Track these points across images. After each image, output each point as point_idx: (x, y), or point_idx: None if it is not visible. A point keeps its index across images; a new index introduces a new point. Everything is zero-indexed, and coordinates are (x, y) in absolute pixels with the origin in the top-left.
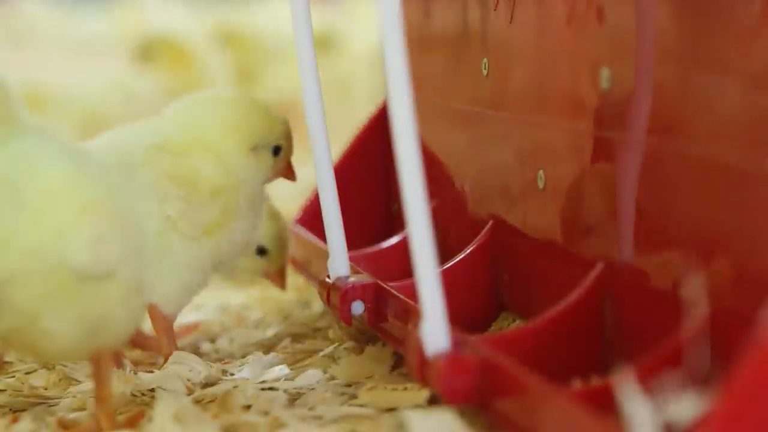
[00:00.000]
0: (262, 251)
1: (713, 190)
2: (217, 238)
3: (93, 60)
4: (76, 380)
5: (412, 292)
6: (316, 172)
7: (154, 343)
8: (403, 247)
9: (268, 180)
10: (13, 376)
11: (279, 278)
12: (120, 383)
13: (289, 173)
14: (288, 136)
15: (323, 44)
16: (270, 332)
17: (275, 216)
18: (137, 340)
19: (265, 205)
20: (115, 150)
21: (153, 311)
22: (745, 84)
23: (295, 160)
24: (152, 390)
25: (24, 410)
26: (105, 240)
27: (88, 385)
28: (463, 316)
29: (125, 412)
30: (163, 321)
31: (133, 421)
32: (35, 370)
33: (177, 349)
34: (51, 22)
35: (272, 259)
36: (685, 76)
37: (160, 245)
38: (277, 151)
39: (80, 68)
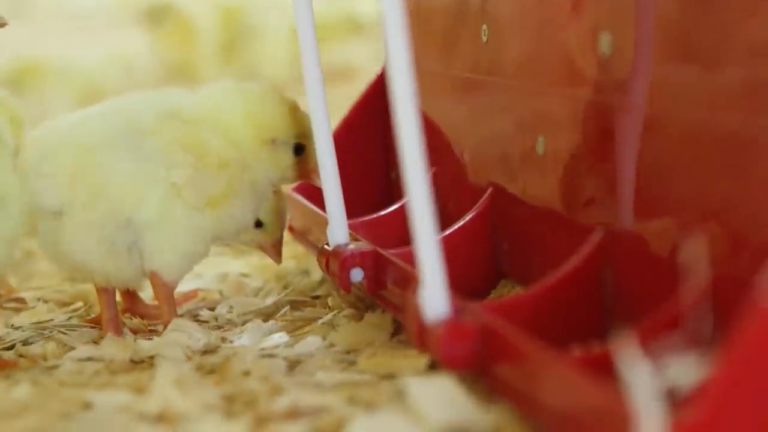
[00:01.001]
0: (258, 224)
1: (712, 156)
2: (219, 211)
3: (94, 32)
4: (72, 347)
5: (412, 260)
6: (315, 139)
7: (154, 310)
8: (402, 215)
9: (288, 179)
10: (13, 346)
11: (274, 251)
12: (120, 350)
13: (313, 176)
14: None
15: None
16: (269, 300)
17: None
18: (137, 308)
19: (269, 196)
20: (123, 114)
21: (154, 278)
22: (745, 51)
23: None
24: (152, 357)
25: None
26: None
27: (84, 351)
28: (463, 284)
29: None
30: (164, 288)
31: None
32: (34, 342)
33: (177, 316)
34: None
35: (269, 232)
36: (686, 44)
37: (163, 212)
38: (299, 150)
39: (81, 40)
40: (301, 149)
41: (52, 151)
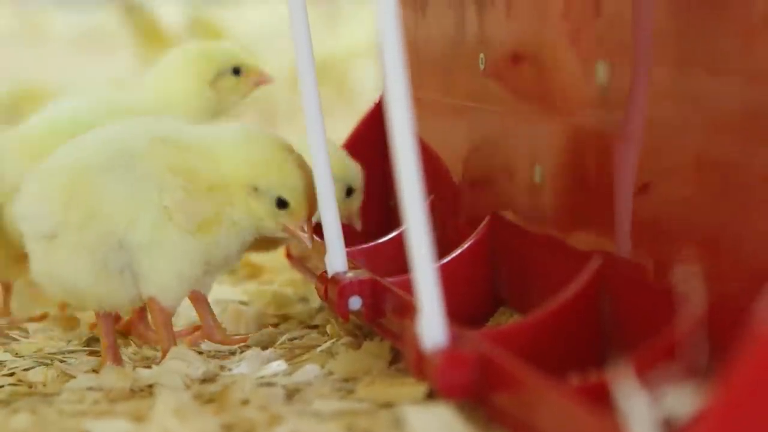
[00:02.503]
0: (282, 203)
1: (709, 183)
2: (210, 236)
3: (97, 56)
4: (72, 376)
5: (410, 288)
6: (313, 167)
7: (153, 336)
8: (401, 242)
9: (267, 229)
10: (13, 373)
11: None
12: (119, 379)
13: (299, 235)
14: (302, 197)
15: None
16: (267, 329)
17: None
18: (138, 329)
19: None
20: (117, 139)
21: (152, 304)
22: (743, 83)
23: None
24: (151, 386)
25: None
26: None
27: (84, 380)
28: (461, 311)
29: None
30: (162, 314)
31: None
32: (33, 367)
33: (175, 343)
34: (57, 18)
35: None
36: (683, 72)
37: (156, 236)
38: (282, 204)
39: (83, 64)
40: (285, 204)
41: (45, 175)
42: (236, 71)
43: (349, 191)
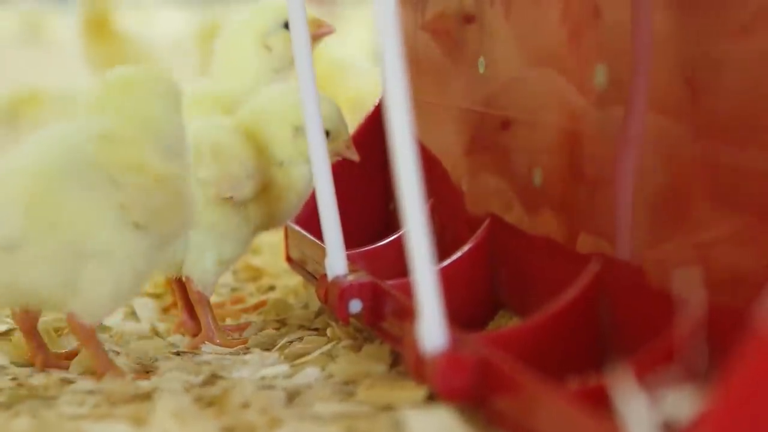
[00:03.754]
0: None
1: (707, 187)
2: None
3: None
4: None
5: (410, 291)
6: (313, 170)
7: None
8: (401, 246)
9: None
10: (15, 378)
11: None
12: (120, 382)
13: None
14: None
15: None
16: (268, 331)
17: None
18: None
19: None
20: (65, 144)
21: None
22: (742, 82)
23: None
24: (151, 389)
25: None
26: None
27: (84, 384)
28: (461, 314)
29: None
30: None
31: None
32: (33, 375)
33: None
34: (59, 23)
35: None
36: (681, 76)
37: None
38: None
39: (82, 68)
40: (327, 133)
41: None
42: (287, 26)
43: (327, 134)
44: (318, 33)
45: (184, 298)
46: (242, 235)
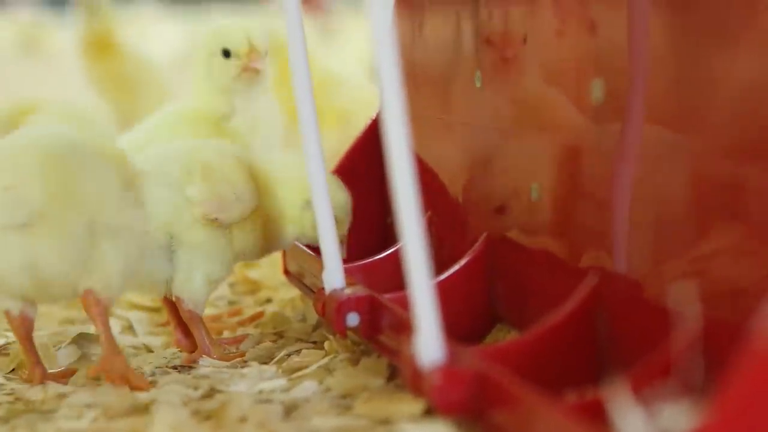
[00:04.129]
0: None
1: (705, 201)
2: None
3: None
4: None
5: (407, 304)
6: (311, 184)
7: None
8: (398, 259)
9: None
10: (12, 392)
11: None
12: (118, 395)
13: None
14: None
15: None
16: (266, 344)
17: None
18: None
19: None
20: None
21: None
22: (740, 96)
23: None
24: (149, 403)
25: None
26: None
27: (82, 397)
28: (458, 328)
29: None
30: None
31: None
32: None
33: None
34: (58, 35)
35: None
36: (677, 92)
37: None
38: None
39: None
40: None
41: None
42: (226, 53)
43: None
44: (245, 66)
45: (176, 317)
46: (227, 258)
